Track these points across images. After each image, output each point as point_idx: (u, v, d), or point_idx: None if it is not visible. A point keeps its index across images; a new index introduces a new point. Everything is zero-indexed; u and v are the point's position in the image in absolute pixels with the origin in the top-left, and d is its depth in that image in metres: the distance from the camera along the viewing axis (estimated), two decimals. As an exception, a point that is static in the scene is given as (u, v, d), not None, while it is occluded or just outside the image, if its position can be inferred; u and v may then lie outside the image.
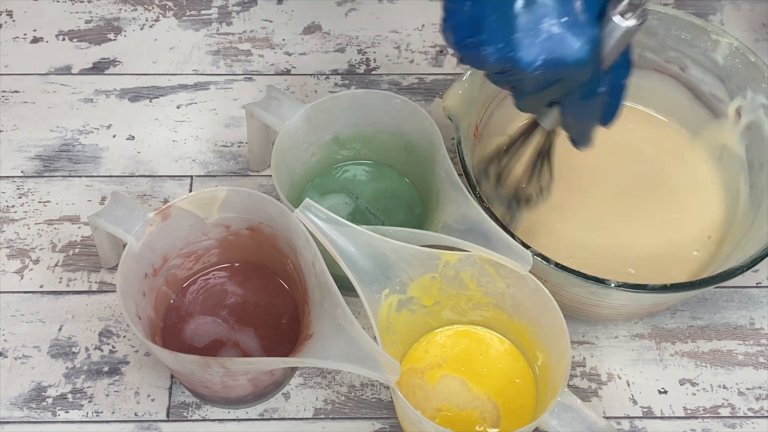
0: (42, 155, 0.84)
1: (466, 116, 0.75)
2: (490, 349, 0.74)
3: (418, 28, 0.91)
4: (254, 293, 0.76)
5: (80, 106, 0.87)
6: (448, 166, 0.71)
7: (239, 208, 0.72)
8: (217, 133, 0.86)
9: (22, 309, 0.77)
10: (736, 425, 0.74)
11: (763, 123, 0.77)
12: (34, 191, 0.82)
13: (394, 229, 0.69)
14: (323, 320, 0.66)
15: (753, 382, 0.76)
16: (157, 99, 0.87)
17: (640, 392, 0.75)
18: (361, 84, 0.89)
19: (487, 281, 0.71)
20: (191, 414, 0.74)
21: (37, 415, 0.74)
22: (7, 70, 0.88)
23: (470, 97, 0.76)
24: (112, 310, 0.78)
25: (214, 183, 0.83)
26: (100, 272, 0.79)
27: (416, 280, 0.70)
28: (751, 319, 0.78)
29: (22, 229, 0.81)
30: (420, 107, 0.75)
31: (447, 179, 0.71)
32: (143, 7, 0.92)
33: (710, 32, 0.78)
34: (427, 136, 0.75)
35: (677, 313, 0.78)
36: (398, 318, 0.71)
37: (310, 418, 0.74)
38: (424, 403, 0.72)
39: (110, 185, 0.83)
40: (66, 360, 0.76)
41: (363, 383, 0.75)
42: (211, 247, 0.75)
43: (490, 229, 0.69)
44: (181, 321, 0.74)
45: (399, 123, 0.77)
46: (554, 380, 0.67)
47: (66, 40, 0.90)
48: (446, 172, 0.71)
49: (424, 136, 0.75)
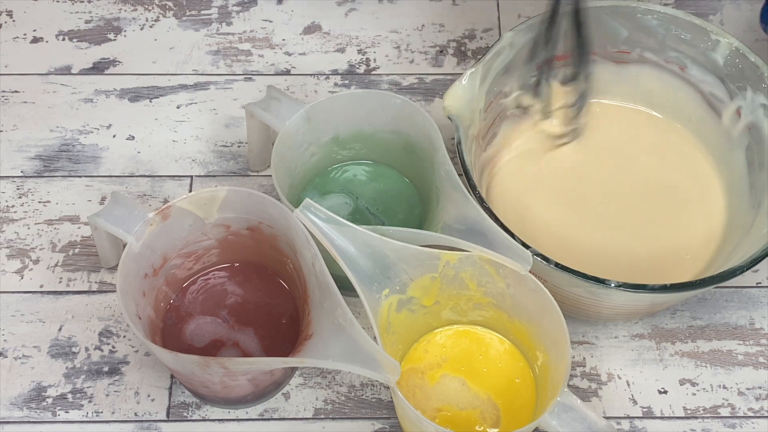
0: (42, 155, 0.84)
1: (467, 116, 0.75)
2: (490, 349, 0.74)
3: (418, 28, 0.91)
4: (254, 293, 0.76)
5: (80, 106, 0.87)
6: (448, 166, 0.71)
7: (239, 208, 0.72)
8: (217, 133, 0.86)
9: (22, 309, 0.77)
10: (736, 425, 0.74)
11: (763, 123, 0.77)
12: (34, 191, 0.82)
13: (394, 229, 0.69)
14: (323, 320, 0.66)
15: (753, 382, 0.76)
16: (157, 99, 0.87)
17: (640, 392, 0.75)
18: (361, 84, 0.89)
19: (487, 281, 0.71)
20: (191, 414, 0.74)
21: (37, 415, 0.74)
22: (7, 70, 0.88)
23: (470, 97, 0.76)
24: (112, 310, 0.78)
25: (214, 183, 0.83)
26: (100, 272, 0.79)
27: (416, 280, 0.70)
28: (751, 319, 0.78)
29: (22, 229, 0.81)
30: (420, 107, 0.75)
31: (447, 179, 0.71)
32: (143, 7, 0.92)
33: (710, 32, 0.78)
34: (427, 136, 0.75)
35: (677, 313, 0.78)
36: (398, 318, 0.71)
37: (310, 418, 0.74)
38: (424, 403, 0.72)
39: (110, 185, 0.83)
40: (66, 360, 0.76)
41: (363, 383, 0.75)
42: (211, 247, 0.75)
43: (490, 229, 0.69)
44: (181, 321, 0.74)
45: (399, 123, 0.77)
46: (554, 380, 0.67)
47: (66, 40, 0.90)
48: (446, 173, 0.71)
49: (424, 136, 0.75)
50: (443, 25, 0.92)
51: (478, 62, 0.76)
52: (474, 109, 0.76)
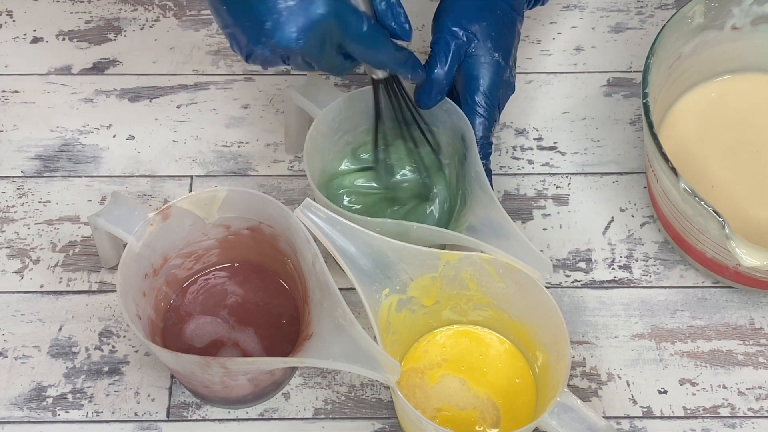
0: (42, 155, 0.84)
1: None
2: (490, 349, 0.74)
3: (418, 28, 0.91)
4: (254, 293, 0.76)
5: (80, 106, 0.87)
6: (479, 167, 0.71)
7: (239, 208, 0.72)
8: (217, 133, 0.86)
9: (22, 309, 0.77)
10: (736, 425, 0.74)
11: None
12: (34, 191, 0.82)
13: (419, 225, 0.69)
14: (323, 320, 0.66)
15: (753, 382, 0.76)
16: (157, 99, 0.87)
17: (640, 392, 0.75)
18: (362, 83, 0.88)
19: (487, 281, 0.71)
20: (191, 414, 0.74)
21: (37, 415, 0.74)
22: (7, 70, 0.88)
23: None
24: (112, 310, 0.78)
25: (214, 183, 0.83)
26: (100, 272, 0.79)
27: (416, 279, 0.70)
28: (751, 319, 0.78)
29: (22, 229, 0.81)
30: (455, 105, 0.75)
31: (476, 180, 0.71)
32: (143, 7, 0.92)
33: None
34: (459, 134, 0.74)
35: (677, 313, 0.78)
36: (398, 318, 0.71)
37: (310, 418, 0.74)
38: (424, 403, 0.72)
39: (110, 185, 0.83)
40: (66, 360, 0.76)
41: (363, 383, 0.75)
42: (211, 247, 0.75)
43: (514, 234, 0.69)
44: (181, 321, 0.74)
45: (433, 119, 0.76)
46: (554, 380, 0.67)
47: (66, 40, 0.90)
48: (476, 174, 0.71)
49: (457, 133, 0.75)
50: (443, 25, 0.92)
51: None
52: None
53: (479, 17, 0.74)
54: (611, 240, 0.81)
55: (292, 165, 0.84)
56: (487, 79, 0.74)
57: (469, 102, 0.74)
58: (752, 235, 0.77)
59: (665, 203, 0.75)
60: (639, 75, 0.87)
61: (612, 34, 0.90)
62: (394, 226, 0.70)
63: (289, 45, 0.62)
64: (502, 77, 0.74)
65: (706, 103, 0.83)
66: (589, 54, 0.89)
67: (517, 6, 0.76)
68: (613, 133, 0.86)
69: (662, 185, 0.74)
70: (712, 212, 0.69)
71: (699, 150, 0.81)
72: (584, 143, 0.85)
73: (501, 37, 0.74)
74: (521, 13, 0.77)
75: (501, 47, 0.74)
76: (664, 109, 0.82)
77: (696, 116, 0.83)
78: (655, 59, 0.75)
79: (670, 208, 0.75)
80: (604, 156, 0.85)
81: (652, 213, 0.82)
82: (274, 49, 0.63)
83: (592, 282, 0.79)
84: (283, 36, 0.62)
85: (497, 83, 0.74)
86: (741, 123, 0.83)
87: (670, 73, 0.79)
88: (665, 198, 0.74)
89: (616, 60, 0.89)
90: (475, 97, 0.73)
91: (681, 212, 0.73)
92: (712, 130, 0.82)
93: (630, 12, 0.91)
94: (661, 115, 0.82)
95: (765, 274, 0.73)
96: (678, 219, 0.74)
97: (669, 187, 0.72)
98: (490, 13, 0.74)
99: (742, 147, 0.82)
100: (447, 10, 0.75)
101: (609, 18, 0.91)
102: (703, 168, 0.81)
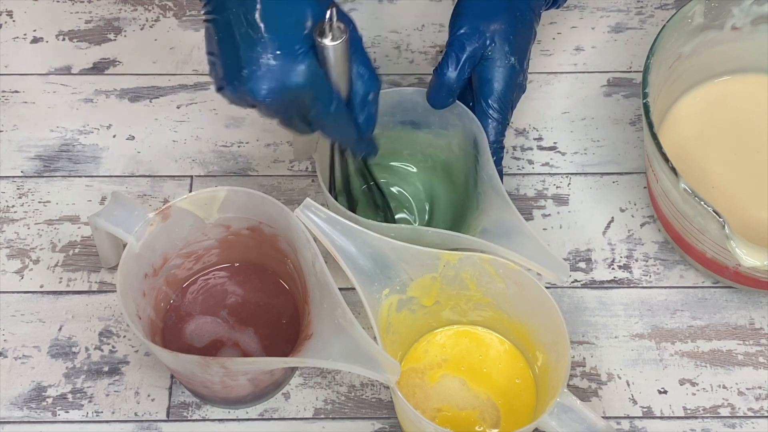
0: (42, 155, 0.84)
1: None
2: (490, 350, 0.74)
3: (418, 28, 0.91)
4: (254, 293, 0.76)
5: (80, 106, 0.87)
6: (492, 170, 0.71)
7: (239, 208, 0.72)
8: (217, 133, 0.86)
9: (22, 309, 0.77)
10: (736, 425, 0.74)
11: None
12: (34, 191, 0.82)
13: (433, 230, 0.69)
14: (323, 320, 0.66)
15: (753, 382, 0.76)
16: (157, 99, 0.87)
17: (639, 392, 0.75)
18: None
19: (487, 281, 0.71)
20: (191, 414, 0.74)
21: (37, 415, 0.74)
22: (7, 70, 0.88)
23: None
24: (112, 310, 0.78)
25: (214, 183, 0.83)
26: (100, 272, 0.79)
27: (416, 280, 0.70)
28: (751, 319, 0.78)
29: (22, 229, 0.81)
30: (467, 109, 0.75)
31: (489, 183, 0.71)
32: (143, 7, 0.92)
33: None
34: (471, 137, 0.74)
35: (677, 313, 0.78)
36: (398, 318, 0.71)
37: (310, 418, 0.74)
38: (424, 403, 0.72)
39: (110, 185, 0.83)
40: (66, 360, 0.76)
41: (363, 383, 0.75)
42: (211, 247, 0.75)
43: (529, 236, 0.69)
44: (181, 321, 0.74)
45: (444, 122, 0.76)
46: (554, 380, 0.67)
47: (66, 40, 0.90)
48: (488, 176, 0.71)
49: (468, 137, 0.75)
50: (443, 25, 0.91)
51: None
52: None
53: (498, 18, 0.73)
54: (611, 240, 0.81)
55: (292, 165, 0.84)
56: (502, 83, 0.73)
57: (483, 105, 0.73)
58: (752, 235, 0.77)
59: (665, 203, 0.75)
60: (639, 75, 0.87)
61: (612, 34, 0.90)
62: (408, 231, 0.70)
63: (256, 98, 0.63)
64: (516, 81, 0.74)
65: (706, 103, 0.83)
66: (589, 54, 0.89)
67: (536, 7, 0.75)
68: (613, 133, 0.86)
69: (662, 185, 0.74)
70: (712, 212, 0.69)
71: (699, 150, 0.81)
72: (584, 143, 0.85)
73: (518, 40, 0.74)
74: (539, 14, 0.76)
75: (517, 50, 0.74)
76: (664, 109, 0.82)
77: (696, 116, 0.83)
78: (655, 59, 0.75)
79: (670, 208, 0.75)
80: (604, 156, 0.85)
81: (652, 213, 0.82)
82: (242, 94, 0.64)
83: (592, 282, 0.79)
84: (254, 88, 0.63)
85: (511, 87, 0.74)
86: (741, 123, 0.83)
87: (670, 73, 0.79)
88: (665, 198, 0.74)
89: (616, 60, 0.89)
90: (489, 100, 0.73)
91: (681, 212, 0.73)
92: (712, 130, 0.82)
93: (630, 12, 0.91)
94: (661, 115, 0.82)
95: (765, 274, 0.73)
96: (678, 219, 0.74)
97: (669, 188, 0.72)
98: (510, 14, 0.74)
99: (742, 147, 0.82)
100: (466, 10, 0.74)
101: (609, 18, 0.91)
102: (703, 168, 0.81)
